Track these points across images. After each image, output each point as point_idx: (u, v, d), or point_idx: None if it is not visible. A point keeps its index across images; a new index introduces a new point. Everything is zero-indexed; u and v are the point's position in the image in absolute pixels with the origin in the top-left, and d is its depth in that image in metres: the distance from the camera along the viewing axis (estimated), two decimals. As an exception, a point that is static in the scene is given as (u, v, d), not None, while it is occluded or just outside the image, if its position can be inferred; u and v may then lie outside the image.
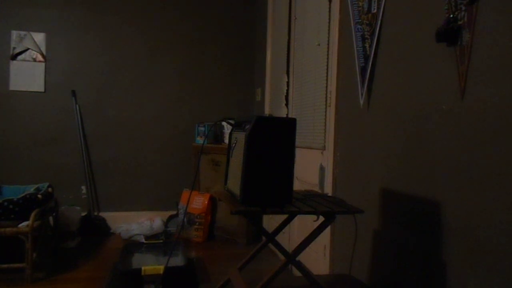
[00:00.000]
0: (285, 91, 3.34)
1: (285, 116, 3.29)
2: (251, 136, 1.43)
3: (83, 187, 4.03)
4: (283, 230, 1.85)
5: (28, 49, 3.88)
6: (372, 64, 1.88)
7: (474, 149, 1.26)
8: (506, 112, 1.14)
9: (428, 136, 1.49)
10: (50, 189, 3.07)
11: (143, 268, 2.48)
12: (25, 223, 2.65)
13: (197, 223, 3.72)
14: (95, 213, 4.03)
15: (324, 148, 2.49)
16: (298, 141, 2.89)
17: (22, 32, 3.87)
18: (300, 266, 1.55)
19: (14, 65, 3.86)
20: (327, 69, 2.49)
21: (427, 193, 1.48)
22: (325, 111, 2.48)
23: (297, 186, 2.89)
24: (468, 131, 1.29)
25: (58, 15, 3.95)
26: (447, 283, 1.36)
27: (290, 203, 1.50)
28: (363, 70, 1.95)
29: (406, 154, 1.62)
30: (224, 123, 4.01)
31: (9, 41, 3.84)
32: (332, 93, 2.35)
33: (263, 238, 1.65)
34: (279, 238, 1.76)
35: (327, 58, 2.49)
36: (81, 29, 4.01)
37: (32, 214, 2.67)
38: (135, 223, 3.89)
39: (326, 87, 2.48)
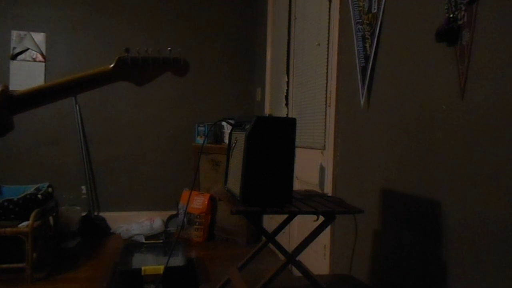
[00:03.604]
0: (285, 91, 3.34)
1: (285, 116, 3.29)
2: (251, 136, 1.43)
3: (83, 187, 4.03)
4: (283, 230, 1.85)
5: (28, 49, 3.88)
6: (372, 64, 1.88)
7: (474, 149, 1.26)
8: (506, 112, 1.14)
9: (428, 136, 1.49)
10: (50, 189, 3.07)
11: (143, 268, 2.48)
12: (25, 223, 2.65)
13: (197, 223, 3.71)
14: (95, 213, 4.03)
15: (324, 148, 2.49)
16: (298, 141, 2.89)
17: (22, 32, 3.87)
18: (300, 266, 1.55)
19: (14, 65, 3.85)
20: (327, 69, 2.49)
21: (427, 193, 1.48)
22: (325, 111, 2.47)
23: (297, 186, 2.89)
24: (468, 131, 1.29)
25: (58, 15, 3.95)
26: (447, 283, 1.36)
27: (290, 203, 1.50)
28: (363, 70, 1.95)
29: (406, 154, 1.62)
30: (224, 123, 4.01)
31: (9, 41, 3.84)
32: (332, 93, 2.35)
33: (263, 238, 1.65)
34: (279, 238, 1.76)
35: (327, 58, 2.49)
36: (81, 29, 4.01)
37: (32, 214, 2.67)
38: (135, 223, 3.89)
39: (326, 87, 2.48)
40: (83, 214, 3.87)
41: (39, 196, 2.84)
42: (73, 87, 1.05)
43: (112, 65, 1.03)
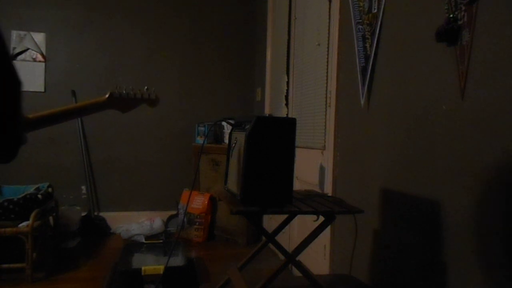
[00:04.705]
0: (285, 91, 3.34)
1: (285, 116, 3.29)
2: (251, 136, 1.43)
3: (83, 187, 4.03)
4: (283, 230, 1.85)
5: (28, 49, 3.88)
6: (372, 64, 1.88)
7: (474, 148, 1.26)
8: (506, 112, 1.14)
9: (428, 136, 1.49)
10: (50, 189, 3.07)
11: (143, 268, 2.48)
12: (25, 223, 2.65)
13: (197, 223, 3.71)
14: (95, 213, 4.03)
15: (324, 148, 2.49)
16: (298, 141, 2.89)
17: (22, 32, 3.87)
18: (300, 266, 1.55)
19: (14, 65, 3.85)
20: (327, 69, 2.49)
21: (427, 193, 1.48)
22: (325, 111, 2.48)
23: (297, 186, 2.89)
24: (468, 131, 1.29)
25: (58, 15, 3.95)
26: (447, 283, 1.36)
27: (290, 203, 1.50)
28: (363, 70, 1.95)
29: (406, 154, 1.62)
30: (224, 123, 4.01)
31: (9, 41, 3.83)
32: (332, 93, 2.35)
33: (263, 238, 1.65)
34: (279, 238, 1.76)
35: (327, 58, 2.49)
36: (81, 29, 4.01)
37: (32, 214, 2.67)
38: (135, 223, 3.89)
39: (326, 87, 2.48)
40: (83, 214, 3.87)
41: (39, 196, 2.84)
42: (76, 112, 1.43)
43: (106, 96, 1.43)
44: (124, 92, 1.45)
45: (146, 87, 1.51)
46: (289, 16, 3.30)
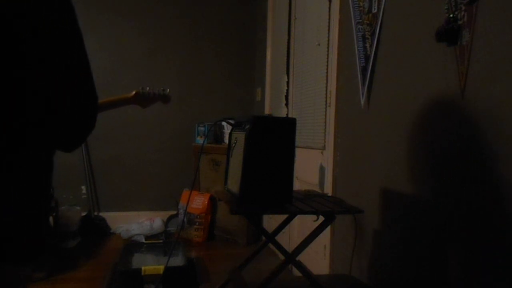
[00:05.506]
0: (285, 91, 3.34)
1: (285, 116, 3.29)
2: (251, 136, 1.43)
3: (83, 187, 4.03)
4: (283, 230, 1.85)
5: (28, 49, 3.88)
6: (372, 64, 1.88)
7: (474, 149, 1.26)
8: (506, 112, 1.14)
9: (428, 136, 1.49)
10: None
11: (143, 268, 2.48)
12: (25, 223, 2.65)
13: (197, 223, 3.71)
14: (95, 213, 4.03)
15: (324, 148, 2.49)
16: (298, 141, 2.88)
17: (22, 32, 3.86)
18: (300, 266, 1.55)
19: (14, 65, 3.85)
20: (327, 69, 2.49)
21: (427, 193, 1.48)
22: (325, 111, 2.48)
23: (297, 186, 2.89)
24: (468, 131, 1.29)
25: (58, 15, 3.94)
26: (447, 283, 1.36)
27: (290, 203, 1.50)
28: (364, 70, 1.95)
29: (406, 154, 1.62)
30: (224, 123, 4.01)
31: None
32: (332, 93, 2.35)
33: (263, 238, 1.66)
34: (279, 238, 1.76)
35: (327, 58, 2.49)
36: (81, 29, 4.00)
37: (32, 214, 2.67)
38: (135, 223, 3.89)
39: (326, 87, 2.48)
40: (83, 214, 3.87)
41: (39, 196, 2.84)
42: (107, 106, 1.62)
43: (133, 93, 1.72)
44: (146, 90, 1.73)
45: (162, 88, 1.80)
46: (289, 16, 3.30)
